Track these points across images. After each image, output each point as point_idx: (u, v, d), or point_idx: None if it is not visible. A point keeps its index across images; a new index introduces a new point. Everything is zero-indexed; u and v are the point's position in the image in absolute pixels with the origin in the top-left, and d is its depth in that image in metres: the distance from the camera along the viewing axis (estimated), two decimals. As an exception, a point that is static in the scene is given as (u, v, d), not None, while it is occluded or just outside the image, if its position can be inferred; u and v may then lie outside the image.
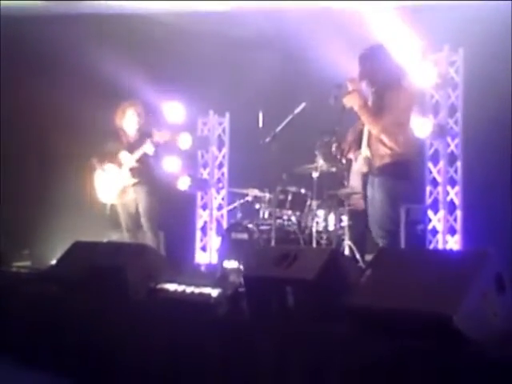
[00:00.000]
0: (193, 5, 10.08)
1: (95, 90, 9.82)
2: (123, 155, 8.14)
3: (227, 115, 10.53)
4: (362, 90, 6.07)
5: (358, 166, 7.76)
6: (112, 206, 8.22)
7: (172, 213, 8.68)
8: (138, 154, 8.10)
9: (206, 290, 4.74)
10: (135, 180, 8.13)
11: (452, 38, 8.44)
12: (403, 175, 6.13)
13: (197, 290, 4.80)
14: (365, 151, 6.15)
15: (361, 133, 6.24)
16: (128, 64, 9.20)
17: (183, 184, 10.21)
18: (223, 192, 10.62)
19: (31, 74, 10.11)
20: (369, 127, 6.03)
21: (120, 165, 8.15)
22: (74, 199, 10.08)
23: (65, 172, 10.17)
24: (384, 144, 5.98)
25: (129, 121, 8.22)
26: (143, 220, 8.15)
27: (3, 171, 10.09)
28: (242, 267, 7.55)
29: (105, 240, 8.97)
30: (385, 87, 6.02)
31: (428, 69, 8.47)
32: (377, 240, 6.09)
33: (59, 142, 10.32)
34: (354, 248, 7.21)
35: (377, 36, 7.86)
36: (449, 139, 8.74)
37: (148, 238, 8.09)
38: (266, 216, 8.31)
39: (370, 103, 6.09)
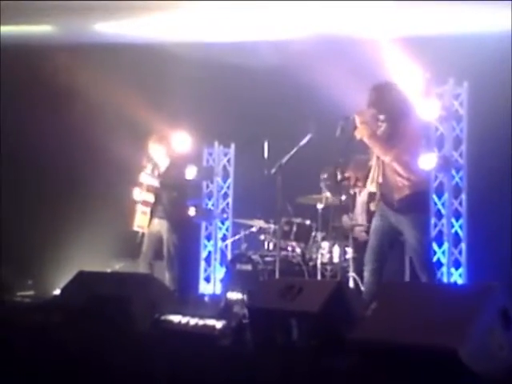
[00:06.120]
0: (200, 35, 10.16)
1: (105, 120, 9.90)
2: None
3: (232, 146, 10.56)
4: (370, 122, 6.06)
5: (362, 199, 7.80)
6: (143, 234, 8.22)
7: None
8: (144, 186, 8.15)
9: (211, 322, 4.73)
10: (148, 211, 8.14)
11: (457, 71, 8.47)
12: (426, 208, 6.15)
13: (201, 322, 4.79)
14: (371, 186, 6.09)
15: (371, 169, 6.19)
16: (135, 95, 9.25)
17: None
18: (228, 222, 10.62)
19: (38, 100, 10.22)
20: (381, 156, 5.98)
21: None
22: (77, 229, 10.11)
23: (69, 203, 10.21)
24: (400, 175, 5.92)
25: (156, 153, 8.27)
26: (164, 252, 8.17)
27: (8, 201, 10.12)
28: (246, 298, 7.53)
29: (108, 270, 8.96)
30: (397, 116, 6.03)
31: (432, 101, 8.50)
32: (421, 276, 5.96)
33: (63, 174, 10.37)
34: (359, 280, 7.20)
35: (383, 68, 7.91)
36: (453, 172, 8.74)
37: (164, 272, 8.08)
38: (271, 247, 8.29)
39: (378, 133, 6.09)
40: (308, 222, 8.23)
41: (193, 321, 4.82)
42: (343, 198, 7.44)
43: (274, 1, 9.48)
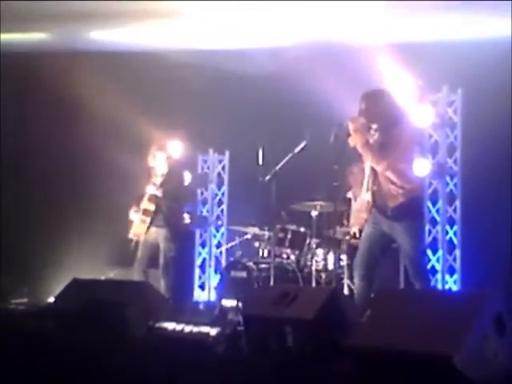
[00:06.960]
0: (195, 42, 10.17)
1: (104, 129, 9.90)
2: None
3: (227, 153, 10.56)
4: (363, 129, 6.05)
5: (356, 207, 7.79)
6: (136, 242, 8.21)
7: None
8: (146, 195, 8.15)
9: (205, 329, 4.73)
10: (147, 220, 8.14)
11: (450, 78, 8.49)
12: (420, 215, 6.13)
13: (195, 329, 4.78)
14: (365, 195, 6.07)
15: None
16: (131, 102, 9.25)
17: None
18: (222, 229, 10.61)
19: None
20: (374, 165, 5.97)
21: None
22: (72, 237, 10.10)
23: (64, 212, 10.20)
24: (393, 183, 5.89)
25: (157, 162, 8.28)
26: (160, 260, 8.16)
27: (4, 211, 10.13)
28: (240, 306, 7.52)
29: (102, 277, 8.95)
30: (389, 124, 6.01)
31: (426, 109, 8.51)
32: (415, 283, 5.93)
33: (59, 183, 10.38)
34: (353, 287, 7.20)
35: (377, 75, 7.92)
36: (448, 178, 8.76)
37: (159, 280, 8.07)
38: (266, 254, 8.29)
39: (371, 141, 6.07)
40: (302, 229, 8.24)
41: (187, 328, 4.82)
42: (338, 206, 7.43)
43: (270, 7, 9.50)
